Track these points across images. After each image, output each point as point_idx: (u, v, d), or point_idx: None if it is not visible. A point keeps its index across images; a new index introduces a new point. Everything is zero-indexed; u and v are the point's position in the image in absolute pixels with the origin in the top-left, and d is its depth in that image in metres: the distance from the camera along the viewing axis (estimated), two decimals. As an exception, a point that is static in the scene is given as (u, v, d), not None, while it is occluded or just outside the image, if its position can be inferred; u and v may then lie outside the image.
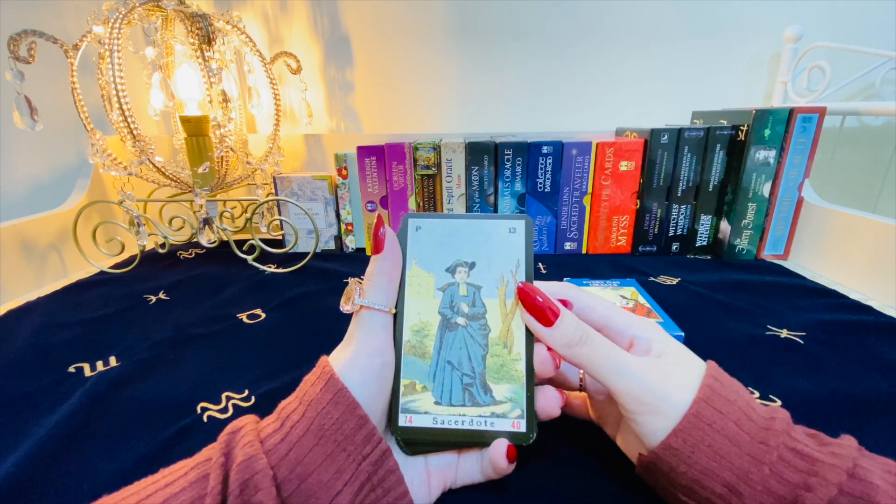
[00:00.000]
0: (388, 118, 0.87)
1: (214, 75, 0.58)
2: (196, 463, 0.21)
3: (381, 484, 0.23)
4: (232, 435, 0.22)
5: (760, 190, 0.62)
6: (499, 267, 0.26)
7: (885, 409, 0.33)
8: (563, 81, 0.83)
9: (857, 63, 0.72)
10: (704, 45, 0.79)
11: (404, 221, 0.28)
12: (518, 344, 0.25)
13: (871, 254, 0.53)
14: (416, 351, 0.26)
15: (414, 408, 0.25)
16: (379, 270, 0.26)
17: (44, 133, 0.67)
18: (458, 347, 0.26)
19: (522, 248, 0.27)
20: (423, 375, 0.25)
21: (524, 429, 0.25)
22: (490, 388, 0.25)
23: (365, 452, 0.22)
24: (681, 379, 0.24)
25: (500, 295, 0.26)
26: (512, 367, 0.25)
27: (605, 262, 0.66)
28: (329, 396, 0.22)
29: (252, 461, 0.20)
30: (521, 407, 0.25)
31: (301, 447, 0.21)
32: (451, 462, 0.26)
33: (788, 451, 0.20)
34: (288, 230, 0.71)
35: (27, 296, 0.56)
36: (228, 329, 0.47)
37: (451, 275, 0.27)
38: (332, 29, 0.82)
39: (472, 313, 0.26)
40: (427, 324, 0.26)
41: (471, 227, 0.27)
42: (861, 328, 0.44)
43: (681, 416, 0.22)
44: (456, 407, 0.25)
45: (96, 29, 0.54)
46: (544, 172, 0.66)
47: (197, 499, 0.20)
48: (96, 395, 0.35)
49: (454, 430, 0.25)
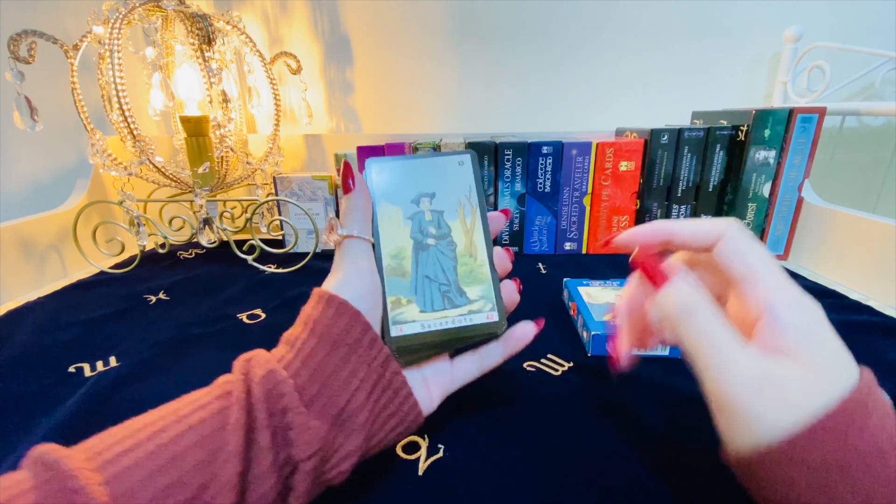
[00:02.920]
0: (388, 118, 0.87)
1: (214, 75, 0.58)
2: (214, 386, 0.23)
3: (389, 385, 0.25)
4: (247, 361, 0.23)
5: (760, 190, 0.62)
6: (455, 193, 0.31)
7: (885, 410, 0.33)
8: (563, 81, 0.83)
9: (857, 63, 0.72)
10: (704, 45, 0.79)
11: (368, 165, 0.31)
12: (481, 252, 0.30)
13: (871, 254, 0.53)
14: (397, 272, 0.29)
15: (402, 318, 0.28)
16: (354, 206, 0.28)
17: (44, 133, 0.67)
18: (433, 263, 0.29)
19: (472, 176, 0.31)
20: (405, 290, 0.29)
21: (497, 319, 0.28)
22: (464, 291, 0.29)
23: (372, 355, 0.25)
24: (803, 397, 0.18)
25: (460, 215, 0.30)
26: (479, 271, 0.29)
27: (605, 262, 0.66)
28: (332, 311, 0.24)
29: (272, 374, 0.22)
30: (491, 301, 0.29)
31: (315, 356, 0.23)
32: (445, 369, 0.29)
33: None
34: (288, 230, 0.71)
35: (27, 296, 0.56)
36: (228, 329, 0.47)
37: (416, 205, 0.30)
38: (332, 29, 0.82)
39: (439, 234, 0.30)
40: (402, 248, 0.29)
41: (426, 164, 0.31)
42: (861, 328, 0.44)
43: (778, 441, 0.18)
44: (438, 311, 0.28)
45: (96, 29, 0.54)
46: (544, 172, 0.66)
47: (224, 408, 0.21)
48: (96, 395, 0.35)
49: (441, 330, 0.28)
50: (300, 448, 0.21)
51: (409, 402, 0.26)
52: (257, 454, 0.20)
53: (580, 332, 0.44)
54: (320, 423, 0.22)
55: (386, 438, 0.25)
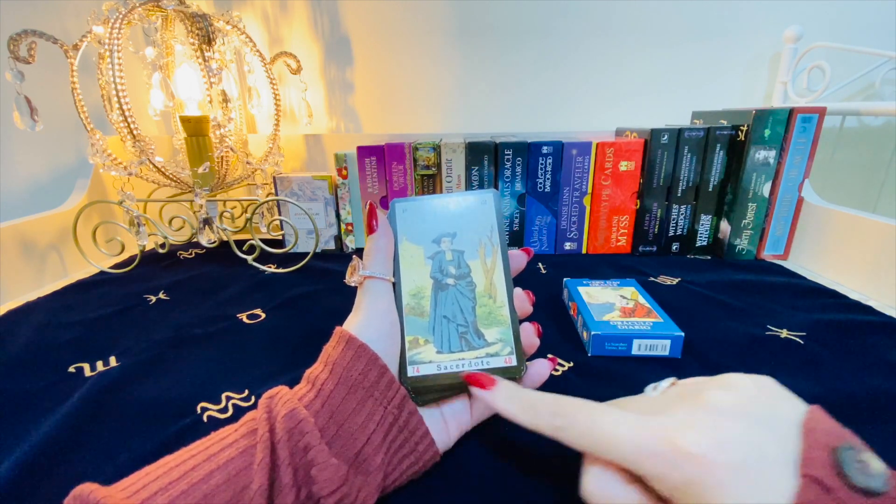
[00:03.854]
0: (388, 118, 0.87)
1: (214, 75, 0.58)
2: (241, 423, 0.24)
3: (406, 426, 0.26)
4: (270, 399, 0.24)
5: (760, 190, 0.62)
6: (476, 233, 0.31)
7: (886, 410, 0.33)
8: (563, 81, 0.83)
9: (857, 63, 0.72)
10: (704, 45, 0.79)
11: (392, 206, 0.32)
12: (501, 293, 0.29)
13: (871, 254, 0.53)
14: (415, 311, 0.29)
15: (419, 359, 0.28)
16: (376, 247, 0.29)
17: (44, 133, 0.67)
18: (451, 303, 0.29)
19: (494, 216, 0.31)
20: (423, 330, 0.29)
21: (515, 363, 0.28)
22: (482, 333, 0.29)
23: (389, 397, 0.25)
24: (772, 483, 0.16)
25: (481, 255, 0.30)
26: (498, 313, 0.29)
27: (605, 262, 0.66)
28: (351, 353, 0.25)
29: (294, 413, 0.23)
30: (510, 345, 0.28)
31: (334, 398, 0.24)
32: (463, 408, 0.29)
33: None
34: (288, 230, 0.71)
35: (27, 296, 0.56)
36: (228, 329, 0.47)
37: (437, 245, 0.31)
38: (332, 29, 0.82)
39: (459, 273, 0.30)
40: (422, 287, 0.30)
41: (449, 203, 0.32)
42: (861, 328, 0.44)
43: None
44: (455, 353, 0.28)
45: (96, 29, 0.54)
46: (544, 172, 0.66)
47: (250, 447, 0.22)
48: (96, 395, 0.35)
49: (457, 372, 0.27)
50: (322, 485, 0.22)
51: (424, 441, 0.26)
52: (280, 491, 0.21)
53: (580, 332, 0.44)
54: (340, 463, 0.23)
55: (401, 477, 0.26)
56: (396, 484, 0.26)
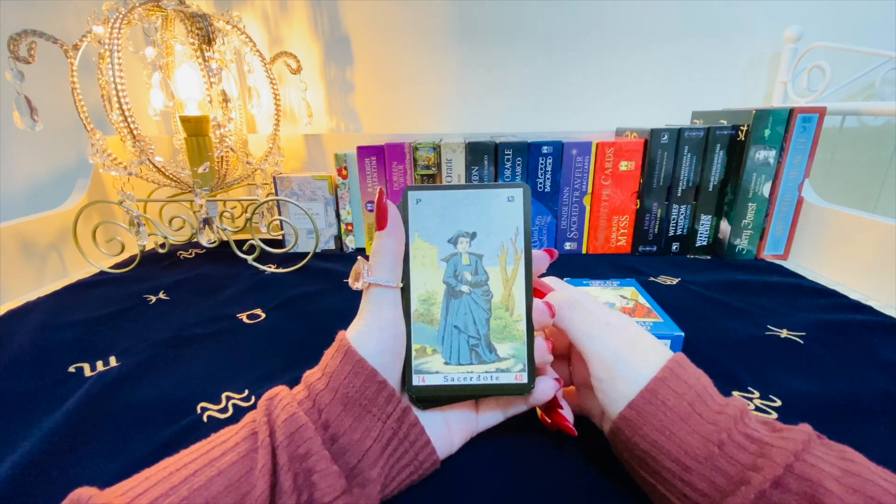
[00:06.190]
0: (388, 118, 0.87)
1: (214, 75, 0.58)
2: (241, 426, 0.24)
3: (406, 437, 0.26)
4: (270, 401, 0.24)
5: (760, 190, 0.62)
6: (498, 235, 0.28)
7: (885, 409, 0.33)
8: (564, 81, 0.83)
9: (857, 63, 0.72)
10: (704, 44, 0.79)
11: (404, 195, 0.28)
12: (519, 306, 0.27)
13: (871, 254, 0.53)
14: (425, 318, 0.27)
15: (425, 369, 0.27)
16: (384, 249, 0.27)
17: (44, 133, 0.67)
18: (464, 313, 0.27)
19: (521, 216, 0.28)
20: (432, 340, 0.27)
21: (526, 380, 0.27)
22: (494, 348, 0.27)
23: (388, 412, 0.25)
24: (646, 356, 0.25)
25: (501, 262, 0.28)
26: (514, 327, 0.27)
27: (605, 262, 0.66)
28: (349, 368, 0.25)
29: (295, 417, 0.23)
30: (522, 362, 0.27)
31: (329, 413, 0.24)
32: (469, 415, 0.29)
33: (740, 434, 0.21)
34: (288, 230, 0.71)
35: (27, 296, 0.56)
36: (228, 329, 0.47)
37: (454, 245, 0.28)
38: (332, 29, 0.82)
39: (475, 281, 0.27)
40: (433, 293, 0.27)
41: (470, 197, 0.28)
42: (861, 328, 0.44)
43: (639, 390, 0.24)
44: (464, 366, 0.27)
45: (96, 29, 0.54)
46: (544, 172, 0.66)
47: (251, 451, 0.22)
48: (96, 395, 0.35)
49: (463, 385, 0.27)
50: (323, 491, 0.22)
51: (425, 451, 0.26)
52: (280, 496, 0.21)
53: (580, 331, 0.44)
54: (340, 471, 0.23)
55: (401, 485, 0.26)
56: (395, 491, 0.26)
